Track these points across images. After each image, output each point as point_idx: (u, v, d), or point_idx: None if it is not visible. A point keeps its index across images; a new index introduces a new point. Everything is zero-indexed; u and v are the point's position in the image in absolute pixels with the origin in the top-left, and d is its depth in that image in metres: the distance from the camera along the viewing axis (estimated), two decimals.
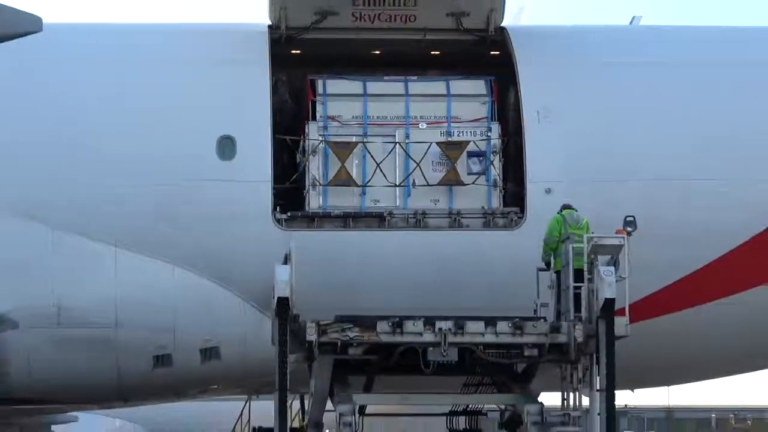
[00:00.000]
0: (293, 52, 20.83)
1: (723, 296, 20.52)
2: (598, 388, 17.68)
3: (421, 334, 17.82)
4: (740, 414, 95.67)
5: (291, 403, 17.72)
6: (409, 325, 17.67)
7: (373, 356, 18.32)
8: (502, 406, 18.88)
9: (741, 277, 20.53)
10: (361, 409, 18.38)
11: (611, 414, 17.63)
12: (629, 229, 17.34)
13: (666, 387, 24.93)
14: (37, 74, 19.89)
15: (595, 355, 17.72)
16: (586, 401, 18.03)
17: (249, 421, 27.92)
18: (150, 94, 20.88)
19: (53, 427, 46.48)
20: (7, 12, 13.13)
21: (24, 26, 13.36)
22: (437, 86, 20.73)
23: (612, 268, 17.32)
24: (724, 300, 20.67)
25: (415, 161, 20.22)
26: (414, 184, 20.37)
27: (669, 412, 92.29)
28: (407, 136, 20.27)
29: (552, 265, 18.49)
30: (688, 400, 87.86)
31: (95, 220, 19.95)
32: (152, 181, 20.22)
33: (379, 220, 20.23)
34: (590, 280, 17.67)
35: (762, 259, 20.39)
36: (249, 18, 21.04)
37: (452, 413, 18.41)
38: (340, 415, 17.78)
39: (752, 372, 24.34)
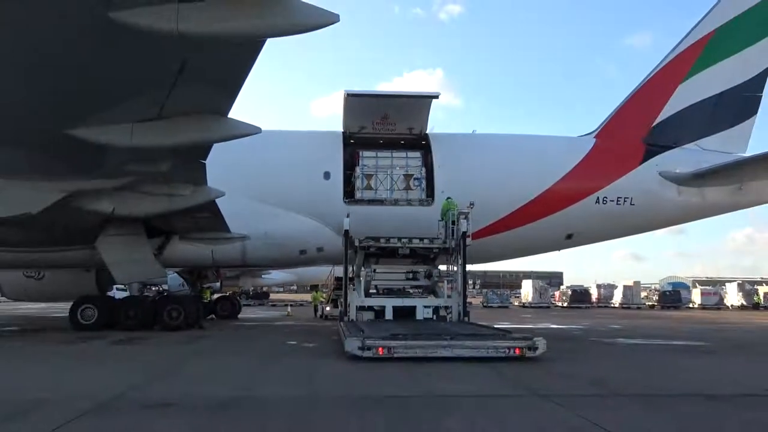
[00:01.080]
0: (351, 140, 20.55)
1: (519, 226, 20.37)
2: (460, 263, 17.25)
3: (396, 243, 17.63)
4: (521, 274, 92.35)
5: (348, 268, 17.59)
6: (392, 240, 17.83)
7: (379, 251, 18.17)
8: (425, 270, 18.56)
9: (524, 219, 20.30)
10: (374, 270, 18.09)
11: (465, 274, 17.37)
12: (471, 206, 17.05)
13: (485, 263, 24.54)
14: (261, 150, 19.35)
15: (459, 251, 17.20)
16: (455, 269, 17.64)
17: (334, 274, 27.76)
18: (299, 157, 20.75)
19: (262, 275, 46.03)
20: (235, 123, 12.65)
21: (248, 130, 12.82)
22: (402, 154, 20.65)
23: (465, 221, 17.23)
24: (515, 229, 20.40)
25: (394, 181, 19.91)
26: (394, 189, 20.04)
27: (484, 273, 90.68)
28: (392, 172, 19.96)
29: (443, 219, 18.08)
30: (493, 267, 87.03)
31: (279, 200, 19.69)
32: (299, 188, 20.16)
33: (380, 202, 19.72)
34: (456, 224, 17.26)
35: (532, 211, 20.15)
36: (335, 128, 20.75)
37: (407, 272, 18.19)
38: (367, 273, 18.12)
39: (527, 256, 24.44)
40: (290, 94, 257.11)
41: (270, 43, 9.22)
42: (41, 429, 5.81)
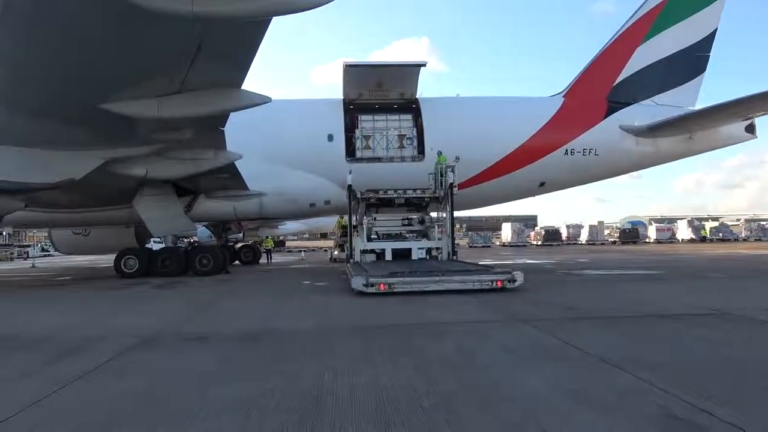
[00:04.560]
0: (351, 106, 20.18)
1: (495, 178, 20.36)
2: (448, 210, 17.24)
3: (393, 194, 17.76)
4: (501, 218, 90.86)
5: (352, 217, 17.46)
6: (389, 192, 17.97)
7: (378, 202, 18.19)
8: (419, 216, 18.46)
9: (503, 170, 20.29)
10: (375, 218, 18.01)
11: (452, 219, 17.44)
12: (457, 160, 17.05)
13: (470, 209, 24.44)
14: (272, 117, 18.83)
15: (447, 200, 17.15)
16: (444, 215, 17.57)
17: (340, 222, 27.61)
18: (306, 122, 20.25)
19: (279, 226, 45.77)
20: (248, 93, 12.43)
21: (260, 100, 12.66)
22: (396, 117, 20.32)
23: (453, 173, 17.09)
24: (495, 180, 20.40)
25: (389, 141, 19.69)
26: (389, 148, 19.80)
27: (469, 218, 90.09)
28: (387, 133, 19.66)
29: (434, 172, 17.98)
30: (477, 213, 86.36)
31: (290, 161, 19.56)
32: (307, 149, 19.89)
33: (378, 159, 19.73)
34: (444, 176, 17.13)
35: (509, 163, 20.14)
36: (335, 95, 20.35)
37: (403, 218, 18.13)
38: (368, 221, 18.02)
39: (506, 203, 24.05)
40: (292, 64, 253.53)
41: (274, 20, 9.00)
42: (98, 360, 5.92)
